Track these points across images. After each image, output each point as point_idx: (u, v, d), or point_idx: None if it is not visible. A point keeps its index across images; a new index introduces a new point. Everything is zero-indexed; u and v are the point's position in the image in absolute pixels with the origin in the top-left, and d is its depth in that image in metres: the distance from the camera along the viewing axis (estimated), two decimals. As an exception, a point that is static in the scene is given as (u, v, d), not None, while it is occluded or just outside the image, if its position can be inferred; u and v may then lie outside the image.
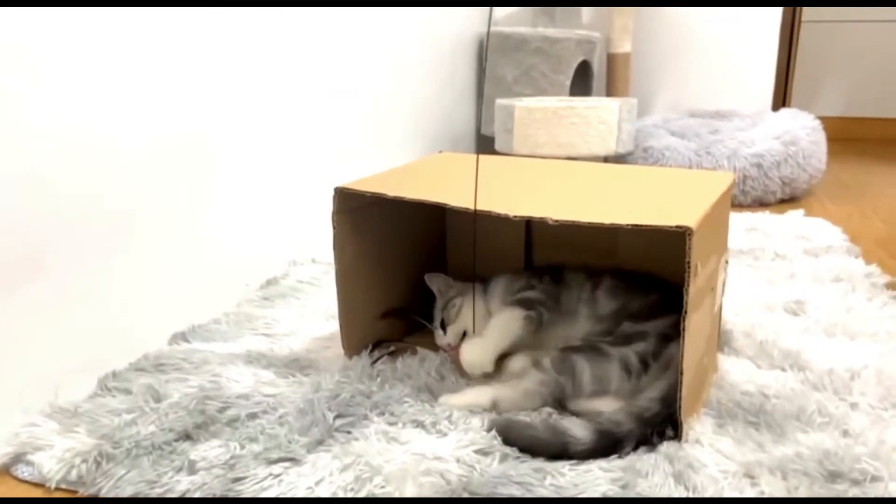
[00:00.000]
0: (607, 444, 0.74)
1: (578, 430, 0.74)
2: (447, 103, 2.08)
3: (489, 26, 2.03)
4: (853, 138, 3.27)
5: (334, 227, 0.91)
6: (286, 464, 0.74)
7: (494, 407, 0.83)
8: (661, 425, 0.76)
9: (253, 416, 0.83)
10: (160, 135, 1.02)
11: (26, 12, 0.80)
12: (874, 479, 0.68)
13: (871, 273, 1.30)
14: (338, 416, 0.81)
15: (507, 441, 0.75)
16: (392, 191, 0.87)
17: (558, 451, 0.73)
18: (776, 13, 2.46)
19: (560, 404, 0.82)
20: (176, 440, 0.78)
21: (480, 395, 0.84)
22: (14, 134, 0.80)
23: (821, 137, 2.11)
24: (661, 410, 0.77)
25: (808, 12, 3.23)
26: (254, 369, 0.94)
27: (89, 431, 0.79)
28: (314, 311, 1.15)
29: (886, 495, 0.65)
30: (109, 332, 0.95)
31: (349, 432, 0.79)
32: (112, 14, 0.91)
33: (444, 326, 0.97)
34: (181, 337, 1.05)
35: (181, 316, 1.07)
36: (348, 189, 0.90)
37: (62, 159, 0.86)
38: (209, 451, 0.76)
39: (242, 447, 0.77)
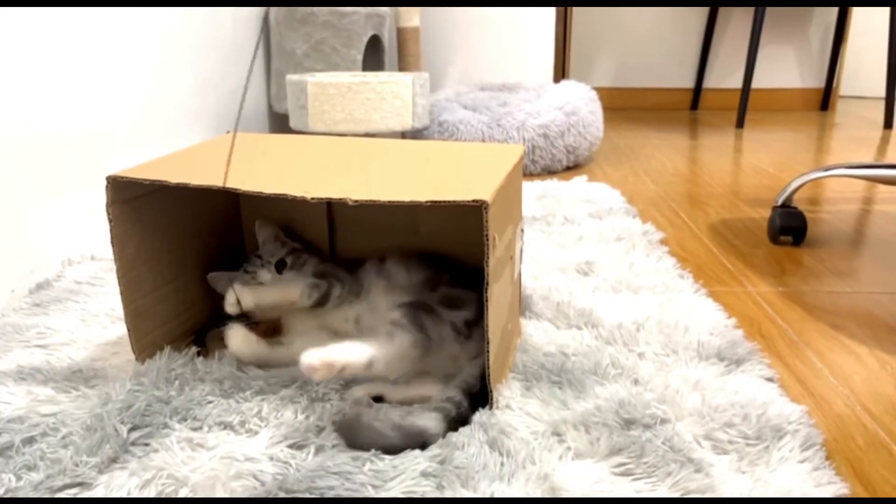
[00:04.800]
0: (455, 426, 0.73)
1: (431, 424, 0.72)
2: (233, 80, 1.97)
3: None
4: (623, 107, 3.58)
5: (110, 220, 0.82)
6: (74, 490, 0.66)
7: (368, 366, 0.74)
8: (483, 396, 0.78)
9: (30, 440, 0.73)
10: None
11: None
12: (663, 421, 0.74)
13: (647, 231, 1.42)
14: (133, 429, 0.74)
15: (354, 446, 0.71)
16: (175, 177, 0.80)
17: (417, 448, 0.70)
18: (551, -11, 2.61)
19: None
20: (-69, 483, 0.66)
21: (358, 351, 0.73)
22: None
23: (597, 107, 2.28)
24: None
25: (578, -10, 3.46)
26: (28, 387, 0.83)
27: None
28: (96, 315, 1.03)
29: (674, 435, 0.71)
30: None
31: (147, 444, 0.72)
32: None
33: (278, 268, 0.95)
34: (-70, 359, 0.90)
35: (-71, 335, 0.92)
36: (123, 177, 0.81)
37: None
38: (-25, 488, 0.66)
39: (19, 478, 0.67)
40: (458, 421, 0.74)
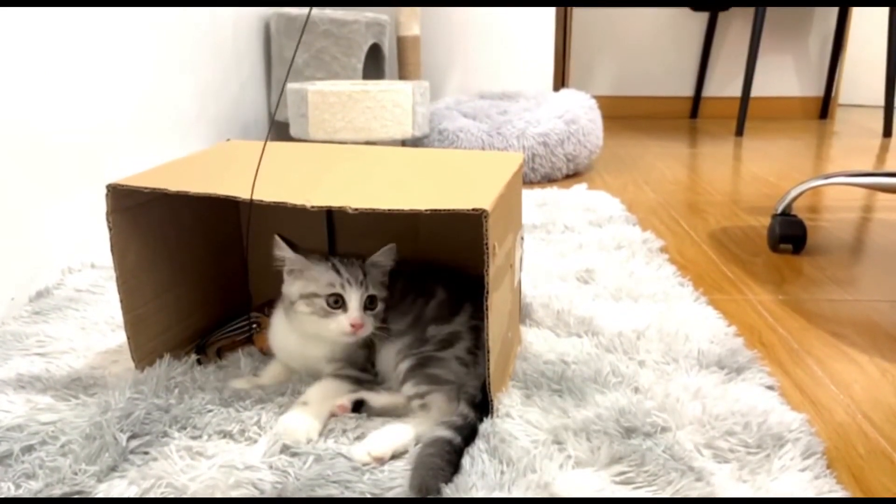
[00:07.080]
0: (466, 437, 0.73)
1: (449, 433, 0.72)
2: (234, 88, 1.97)
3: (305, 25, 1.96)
4: (623, 115, 3.59)
5: (110, 229, 0.82)
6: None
7: (417, 442, 0.74)
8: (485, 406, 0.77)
9: (29, 449, 0.73)
10: None
11: None
12: (663, 429, 0.74)
13: (647, 239, 1.42)
14: (132, 437, 0.74)
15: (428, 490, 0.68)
16: (174, 185, 0.80)
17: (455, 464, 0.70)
18: (551, -2, 2.62)
19: None
20: (-70, 491, 0.66)
21: (402, 435, 0.74)
22: None
23: (597, 115, 2.28)
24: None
25: (577, -2, 3.48)
26: (27, 395, 0.83)
27: None
28: (96, 323, 1.03)
29: (675, 444, 0.71)
30: None
31: (147, 453, 0.72)
32: None
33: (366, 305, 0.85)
34: (-71, 368, 0.90)
35: (-72, 343, 0.92)
36: (123, 185, 0.81)
37: None
38: (-26, 497, 0.65)
39: (18, 486, 0.67)
40: (467, 430, 0.73)
